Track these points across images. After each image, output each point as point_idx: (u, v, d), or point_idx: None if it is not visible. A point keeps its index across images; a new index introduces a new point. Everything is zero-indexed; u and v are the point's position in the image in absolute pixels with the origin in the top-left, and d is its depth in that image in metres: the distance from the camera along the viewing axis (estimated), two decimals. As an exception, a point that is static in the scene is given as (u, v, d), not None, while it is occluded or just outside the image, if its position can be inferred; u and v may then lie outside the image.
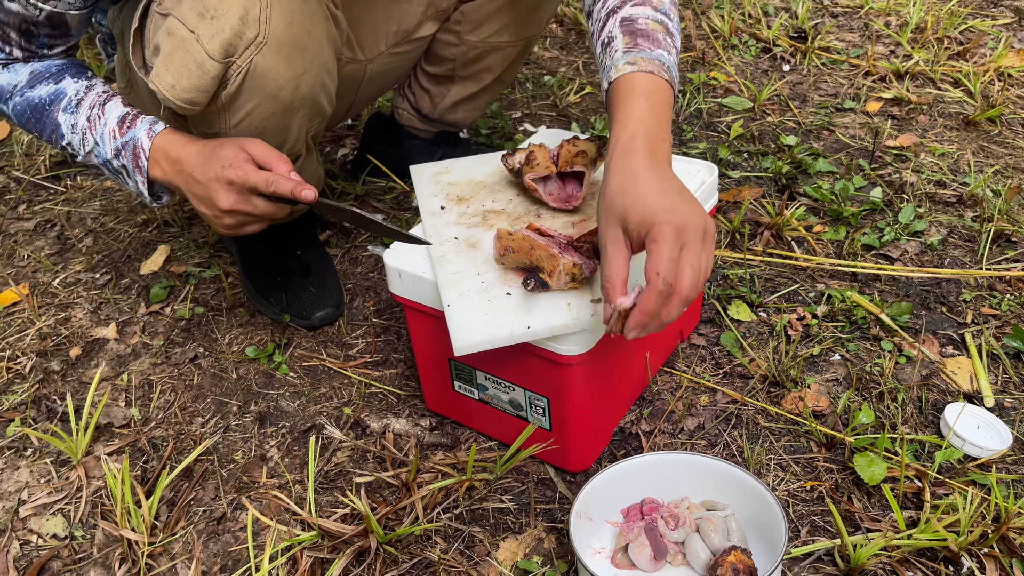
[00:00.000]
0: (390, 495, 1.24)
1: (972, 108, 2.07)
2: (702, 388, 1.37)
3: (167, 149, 1.20)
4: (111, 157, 1.23)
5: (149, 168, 1.22)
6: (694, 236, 0.91)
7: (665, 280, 0.90)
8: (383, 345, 1.51)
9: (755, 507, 1.10)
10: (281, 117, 1.23)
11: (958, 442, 1.23)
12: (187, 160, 1.18)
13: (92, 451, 1.35)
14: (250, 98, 1.18)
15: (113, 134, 1.22)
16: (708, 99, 2.16)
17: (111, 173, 1.27)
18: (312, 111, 1.27)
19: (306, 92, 1.22)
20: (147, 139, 1.21)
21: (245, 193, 1.14)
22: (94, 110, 1.23)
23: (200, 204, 1.19)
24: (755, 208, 1.76)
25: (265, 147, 1.16)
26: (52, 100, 1.24)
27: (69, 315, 1.64)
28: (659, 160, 0.98)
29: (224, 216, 1.17)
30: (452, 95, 1.67)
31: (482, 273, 1.11)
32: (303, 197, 1.12)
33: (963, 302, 1.51)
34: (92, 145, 1.23)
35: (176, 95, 1.12)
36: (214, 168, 1.14)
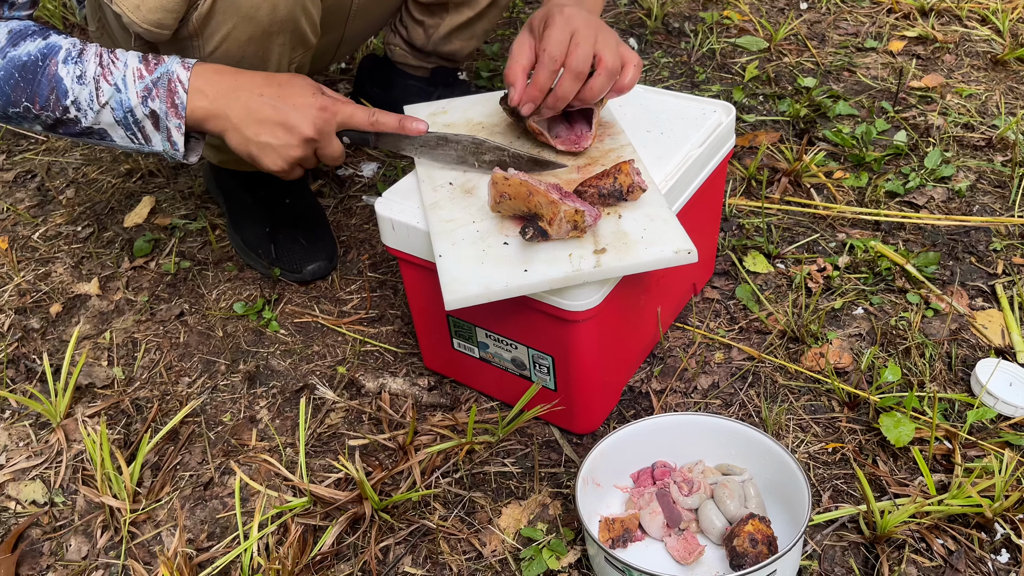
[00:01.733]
0: (386, 459, 1.17)
1: (1000, 47, 1.95)
2: (716, 344, 1.30)
3: (213, 76, 1.08)
4: (136, 103, 1.07)
5: (190, 100, 1.07)
6: (584, 25, 1.03)
7: (550, 55, 1.02)
8: (379, 300, 1.43)
9: (774, 471, 1.03)
10: (259, 43, 1.13)
11: (990, 400, 1.15)
12: (251, 83, 1.07)
13: (72, 413, 1.28)
14: (224, 20, 1.08)
15: (139, 73, 1.07)
16: (722, 39, 2.05)
17: (128, 131, 1.10)
18: (293, 38, 1.17)
19: (285, 14, 1.12)
20: (183, 69, 1.07)
21: (331, 126, 1.10)
22: (103, 56, 1.08)
23: (266, 131, 1.07)
24: (772, 154, 1.66)
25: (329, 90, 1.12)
26: (46, 54, 1.07)
27: (49, 270, 1.56)
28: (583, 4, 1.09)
29: (298, 146, 1.09)
30: (446, 23, 1.57)
31: (477, 221, 1.03)
32: (414, 130, 1.09)
33: (993, 251, 1.42)
34: (110, 94, 1.07)
35: (142, 16, 1.03)
36: (301, 93, 1.07)
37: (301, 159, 1.12)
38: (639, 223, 1.00)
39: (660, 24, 2.13)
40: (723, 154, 1.22)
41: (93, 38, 1.36)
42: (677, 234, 0.98)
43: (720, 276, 1.41)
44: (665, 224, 0.99)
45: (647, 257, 0.95)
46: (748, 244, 1.45)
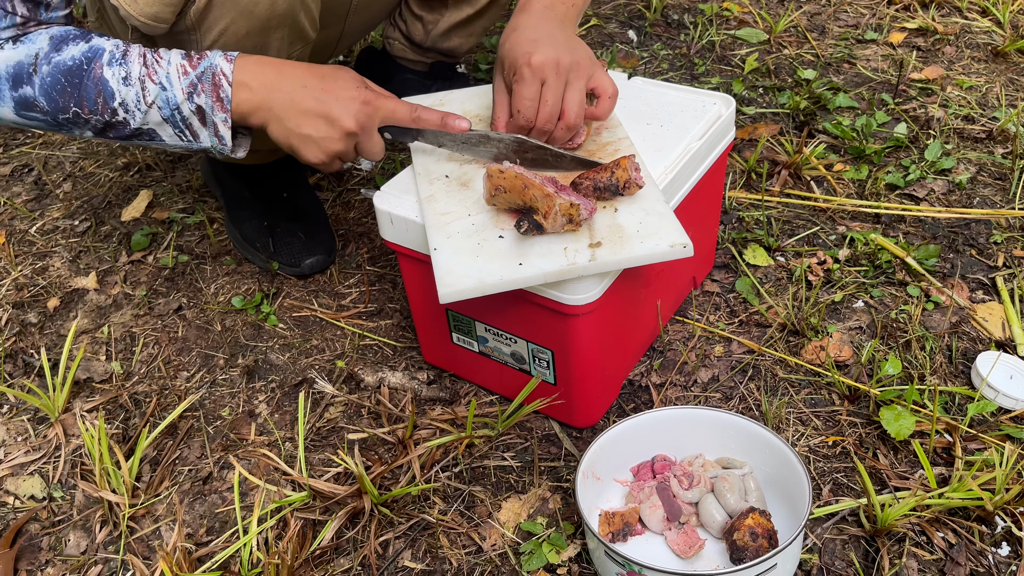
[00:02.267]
0: (385, 453, 1.17)
1: (1001, 38, 1.95)
2: (716, 337, 1.29)
3: (257, 67, 1.07)
4: (182, 99, 1.06)
5: (234, 93, 1.06)
6: (553, 74, 1.04)
7: (525, 116, 1.06)
8: (378, 294, 1.43)
9: (774, 465, 1.02)
10: (257, 37, 1.12)
11: (991, 393, 1.15)
12: (293, 75, 1.06)
13: (71, 408, 1.27)
14: (222, 14, 1.07)
15: (183, 70, 1.06)
16: (721, 31, 2.04)
17: (176, 129, 1.09)
18: (292, 32, 1.16)
19: (284, 8, 1.11)
20: (226, 63, 1.06)
21: (373, 120, 1.09)
22: (147, 56, 1.06)
23: (306, 121, 1.06)
24: (772, 146, 1.66)
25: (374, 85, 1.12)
26: (91, 57, 1.05)
27: (47, 264, 1.55)
28: (548, 17, 1.09)
29: (339, 140, 1.07)
30: (446, 20, 1.56)
31: (473, 214, 1.02)
32: (456, 127, 1.09)
33: (994, 244, 1.42)
34: (156, 93, 1.06)
35: (139, 9, 1.02)
36: (345, 87, 1.06)
37: (341, 152, 1.10)
38: (635, 216, 0.99)
39: (659, 16, 2.12)
40: (723, 147, 1.22)
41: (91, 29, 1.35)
42: (673, 228, 0.97)
43: (720, 269, 1.41)
44: (661, 218, 0.99)
45: (642, 251, 0.95)
46: (748, 237, 1.45)
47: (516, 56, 1.05)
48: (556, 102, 1.05)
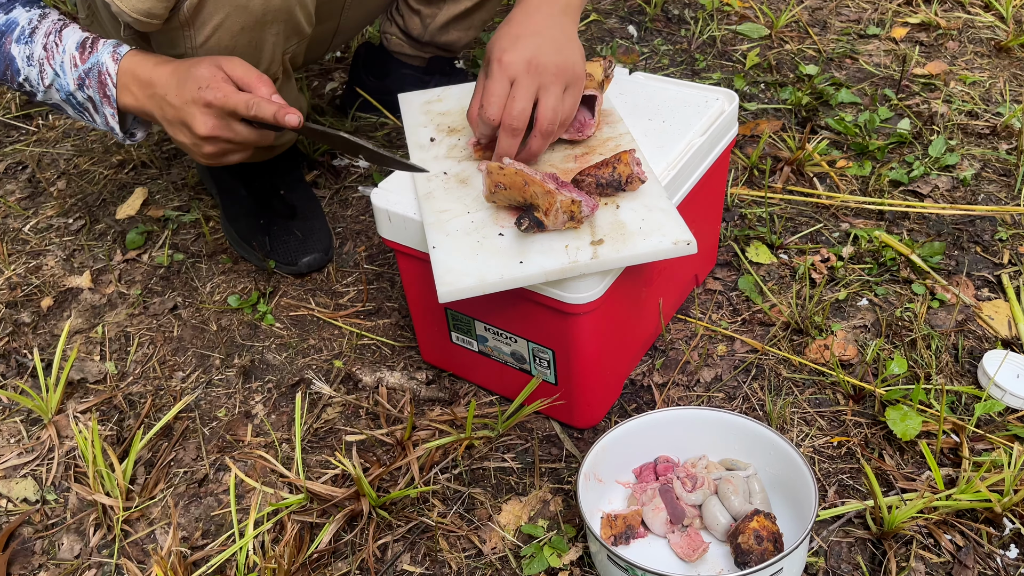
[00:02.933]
0: (383, 454, 1.15)
1: (1004, 33, 1.93)
2: (719, 336, 1.27)
3: (136, 71, 1.07)
4: (74, 89, 1.10)
5: (119, 96, 1.09)
6: (524, 72, 0.98)
7: (487, 114, 1.00)
8: (376, 293, 1.41)
9: (779, 466, 1.01)
10: (252, 33, 1.10)
11: (998, 393, 1.14)
12: (160, 82, 1.05)
13: (64, 409, 1.26)
14: (216, 10, 1.05)
15: (74, 61, 1.09)
16: (722, 26, 2.02)
17: (76, 110, 1.13)
18: (288, 27, 1.14)
19: (279, 3, 1.09)
20: (112, 62, 1.08)
21: (225, 117, 1.03)
22: (50, 37, 1.09)
23: (177, 131, 1.07)
24: (774, 142, 1.64)
25: (245, 66, 1.05)
26: (3, 32, 1.10)
27: (40, 263, 1.53)
28: (543, 10, 1.04)
29: (203, 143, 1.06)
30: (444, 13, 1.54)
31: (472, 212, 1.00)
32: (287, 122, 1.01)
33: (999, 241, 1.40)
34: (52, 77, 1.10)
35: (131, 5, 1.00)
36: (190, 89, 1.02)
37: (216, 152, 1.08)
38: (637, 213, 0.97)
39: (660, 11, 2.10)
40: (726, 143, 1.20)
41: (82, 23, 1.33)
42: (676, 225, 0.95)
43: (722, 267, 1.39)
44: (664, 214, 0.97)
45: (645, 248, 0.93)
46: (751, 234, 1.43)
47: (491, 50, 1.02)
48: (525, 103, 0.99)
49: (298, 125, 1.02)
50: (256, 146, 1.09)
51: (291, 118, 1.01)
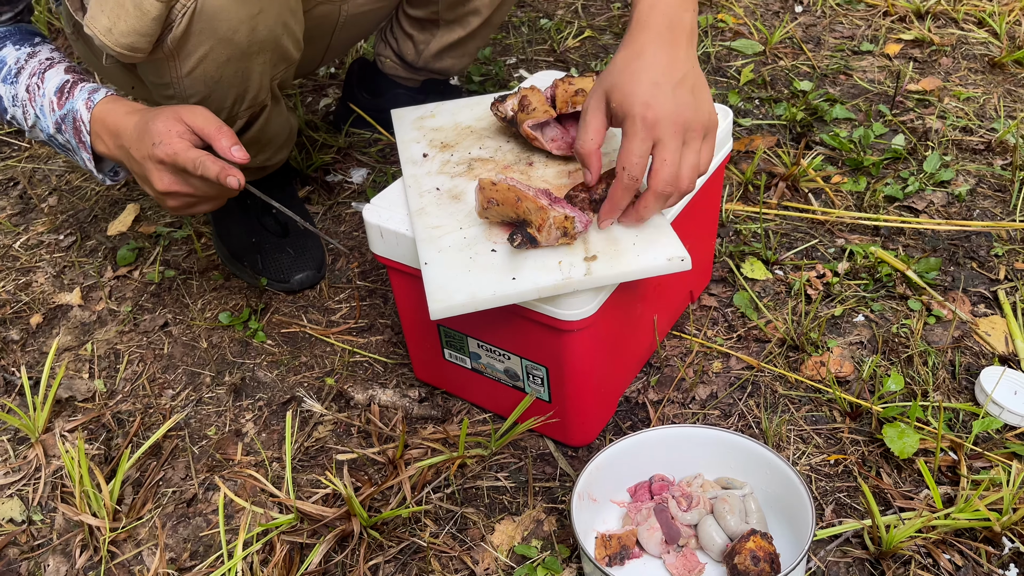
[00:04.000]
0: (375, 473, 1.14)
1: (998, 49, 1.93)
2: (714, 353, 1.26)
3: (106, 120, 1.08)
4: (54, 131, 1.12)
5: (92, 143, 1.10)
6: (670, 133, 0.89)
7: (630, 175, 0.91)
8: (368, 310, 1.40)
9: (775, 485, 1.00)
10: (239, 63, 1.10)
11: (995, 410, 1.13)
12: (125, 133, 1.06)
13: (51, 428, 1.24)
14: (200, 42, 1.05)
15: (52, 106, 1.10)
16: (716, 42, 2.02)
17: (59, 149, 1.15)
18: (275, 56, 1.14)
19: (265, 35, 1.08)
20: (85, 110, 1.09)
21: (180, 173, 1.03)
22: (34, 79, 1.11)
23: (143, 183, 1.08)
24: (768, 158, 1.64)
25: (205, 115, 1.03)
26: None
27: (30, 280, 1.52)
28: (673, 39, 0.93)
29: (165, 198, 1.07)
30: (437, 41, 1.53)
31: (465, 228, 0.99)
32: (227, 184, 1.00)
33: (995, 256, 1.39)
34: (33, 118, 1.13)
35: (114, 40, 0.99)
36: (146, 145, 1.03)
37: (183, 205, 1.08)
38: (631, 229, 0.96)
39: (654, 28, 2.10)
40: (720, 159, 1.20)
41: (71, 41, 1.33)
42: (670, 241, 0.95)
43: (717, 283, 1.38)
44: (657, 230, 0.96)
45: (639, 265, 0.92)
46: (746, 250, 1.43)
47: (632, 99, 0.90)
48: (674, 164, 0.91)
49: (238, 188, 1.01)
50: (222, 197, 1.09)
51: (231, 180, 1.00)
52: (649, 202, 0.93)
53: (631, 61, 0.92)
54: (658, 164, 0.91)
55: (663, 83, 0.90)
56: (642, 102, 0.89)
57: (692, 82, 0.92)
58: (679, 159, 0.91)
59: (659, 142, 0.90)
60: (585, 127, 0.95)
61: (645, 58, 0.92)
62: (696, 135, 0.92)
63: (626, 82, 0.91)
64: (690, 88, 0.92)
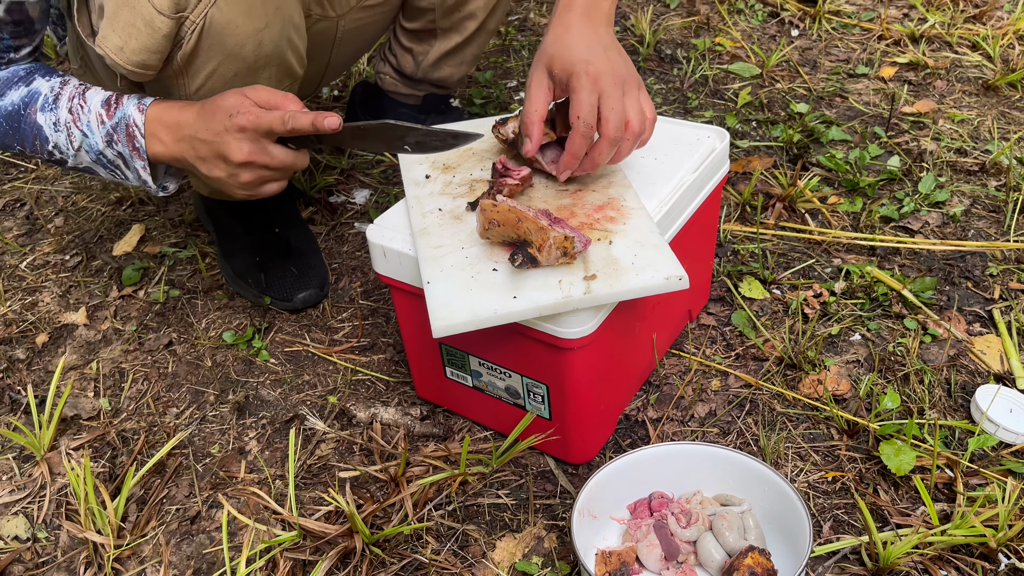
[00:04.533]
0: (377, 491, 1.15)
1: (991, 72, 1.96)
2: (713, 371, 1.28)
3: (162, 117, 1.09)
4: (103, 147, 1.11)
5: (148, 145, 1.10)
6: (611, 84, 1.00)
7: (585, 123, 1.00)
8: (371, 328, 1.41)
9: (773, 501, 1.01)
10: (245, 78, 1.12)
11: (991, 427, 1.14)
12: (188, 122, 1.07)
13: (57, 446, 1.25)
14: (209, 58, 1.07)
15: (100, 119, 1.10)
16: (714, 66, 2.05)
17: (107, 169, 1.14)
18: (280, 71, 1.16)
19: (271, 49, 1.11)
20: (138, 113, 1.10)
21: (259, 140, 1.05)
22: (74, 101, 1.11)
23: (211, 167, 1.07)
24: (766, 179, 1.66)
25: (268, 90, 1.06)
26: (27, 103, 1.12)
27: (36, 299, 1.54)
28: (595, 18, 1.06)
29: (240, 171, 1.07)
30: (435, 50, 1.56)
31: (466, 247, 1.01)
32: (326, 126, 1.02)
33: (989, 276, 1.41)
34: (80, 139, 1.12)
35: (125, 58, 1.02)
36: (220, 120, 1.04)
37: (255, 179, 1.09)
38: (630, 249, 0.98)
39: (652, 51, 2.13)
40: (717, 180, 1.22)
41: (76, 75, 1.36)
42: (668, 260, 0.96)
43: (716, 302, 1.40)
44: (656, 250, 0.98)
45: (637, 283, 0.94)
46: (743, 270, 1.44)
47: (572, 61, 1.01)
48: (621, 113, 1.01)
49: (339, 127, 1.02)
50: (292, 171, 1.10)
51: (331, 121, 1.02)
52: (603, 148, 1.02)
53: (561, 36, 1.04)
54: (606, 113, 1.00)
55: (595, 47, 1.03)
56: (583, 60, 1.01)
57: (617, 48, 1.05)
58: (623, 107, 1.01)
59: (603, 94, 1.00)
60: (529, 100, 1.04)
61: (572, 32, 1.04)
62: (632, 87, 1.03)
63: (563, 51, 1.03)
64: (617, 52, 1.04)
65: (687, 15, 2.30)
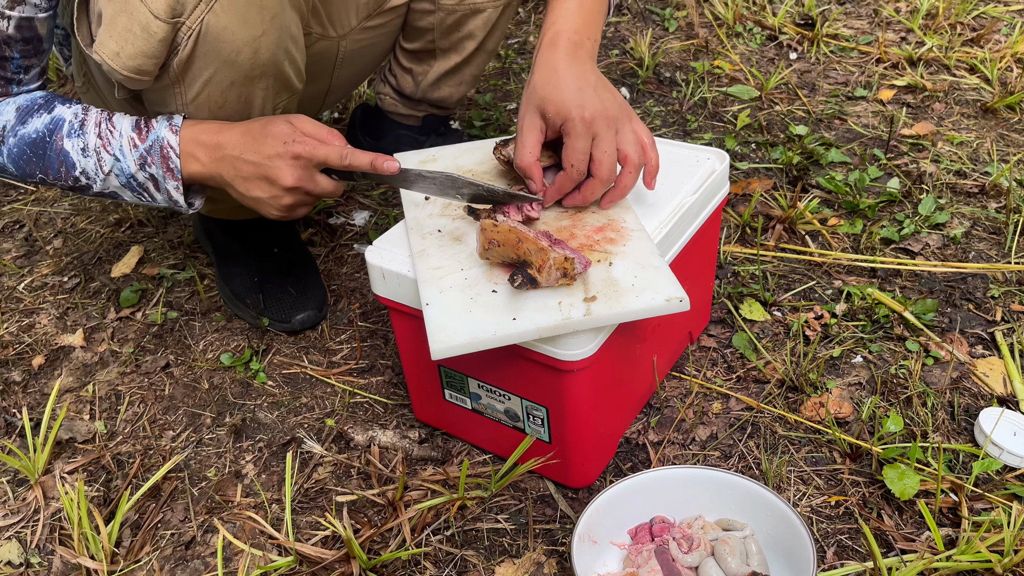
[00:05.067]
0: (375, 515, 1.13)
1: (990, 95, 1.97)
2: (714, 394, 1.27)
3: (200, 138, 1.11)
4: (136, 170, 1.13)
5: (183, 165, 1.12)
6: (604, 127, 1.02)
7: (578, 170, 1.04)
8: (369, 351, 1.40)
9: (776, 526, 0.99)
10: (242, 87, 1.12)
11: (995, 451, 1.13)
12: (231, 143, 1.10)
13: (51, 469, 1.24)
14: (205, 65, 1.07)
15: (132, 142, 1.12)
16: (713, 88, 2.06)
17: (135, 192, 1.16)
18: (277, 82, 1.16)
19: (267, 58, 1.11)
20: (172, 134, 1.11)
21: (310, 169, 1.09)
22: (102, 126, 1.13)
23: (252, 187, 1.11)
24: (766, 201, 1.66)
25: (313, 122, 1.11)
26: (52, 129, 1.12)
27: (33, 321, 1.53)
28: (580, 57, 1.08)
29: (285, 195, 1.10)
30: (435, 70, 1.57)
31: (466, 269, 1.01)
32: (385, 169, 1.07)
33: (991, 298, 1.40)
34: (111, 164, 1.13)
35: (121, 63, 1.02)
36: (273, 145, 1.07)
37: (293, 203, 1.13)
38: (630, 271, 0.98)
39: (651, 73, 2.14)
40: (717, 201, 1.21)
41: (79, 93, 1.36)
42: (668, 282, 0.96)
43: (716, 324, 1.39)
44: (656, 272, 0.97)
45: (638, 305, 0.93)
46: (744, 292, 1.44)
47: (566, 105, 1.02)
48: (613, 155, 1.03)
49: (398, 171, 1.07)
50: (329, 197, 1.14)
51: (390, 164, 1.06)
52: (595, 187, 1.05)
53: (550, 78, 1.05)
54: (599, 156, 1.03)
55: (585, 88, 1.04)
56: (577, 104, 1.02)
57: (604, 84, 1.07)
58: (615, 149, 1.04)
59: (597, 137, 1.02)
60: (522, 143, 1.06)
61: (561, 73, 1.05)
62: (624, 123, 1.05)
63: (554, 94, 1.04)
64: (605, 88, 1.06)
65: (686, 38, 2.31)
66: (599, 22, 1.15)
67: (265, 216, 1.15)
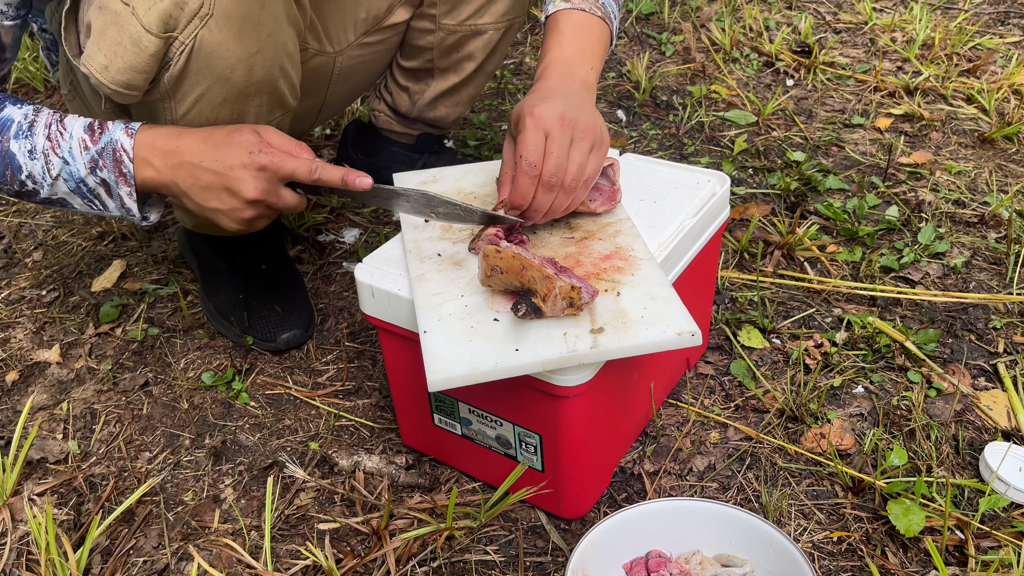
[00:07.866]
0: (358, 544, 1.08)
1: (987, 125, 1.96)
2: (712, 423, 1.23)
3: (156, 143, 1.04)
4: (86, 174, 1.05)
5: (137, 170, 1.04)
6: (557, 126, 0.98)
7: (528, 162, 0.98)
8: (356, 372, 1.36)
9: (777, 563, 0.95)
10: (235, 104, 1.09)
11: (1001, 487, 1.09)
12: (190, 149, 1.03)
13: (20, 490, 1.18)
14: (197, 81, 1.03)
15: (84, 144, 1.04)
16: (710, 113, 2.04)
17: (84, 199, 1.08)
18: (271, 100, 1.13)
19: (262, 75, 1.07)
20: (127, 137, 1.04)
21: (275, 182, 1.03)
22: (52, 128, 1.05)
23: (210, 198, 1.04)
24: (764, 226, 1.63)
25: (280, 134, 1.05)
26: None
27: (8, 336, 1.48)
28: (565, 80, 1.07)
29: (246, 208, 1.04)
30: (432, 89, 1.54)
31: (466, 295, 0.97)
32: (357, 186, 1.01)
33: (993, 329, 1.38)
34: (59, 167, 1.05)
35: (110, 77, 0.98)
36: (237, 155, 1.01)
37: (254, 217, 1.06)
38: (639, 301, 0.94)
39: (648, 97, 2.12)
40: (717, 225, 1.18)
41: (65, 101, 1.32)
42: (679, 314, 0.92)
43: (714, 351, 1.36)
44: (666, 303, 0.93)
45: (647, 339, 0.89)
46: (742, 318, 1.40)
47: (521, 109, 1.02)
48: (562, 158, 0.99)
49: (370, 188, 1.01)
50: (293, 212, 1.08)
51: (362, 181, 1.01)
52: (539, 194, 1.00)
53: (529, 96, 1.05)
54: (545, 156, 0.98)
55: (551, 96, 1.02)
56: (531, 104, 1.00)
57: (583, 103, 1.04)
58: (566, 154, 0.99)
59: (548, 134, 0.98)
60: (504, 163, 1.04)
61: (536, 92, 1.05)
62: (585, 136, 1.00)
63: (518, 107, 1.03)
64: (581, 104, 1.03)
65: (683, 62, 2.30)
66: (596, 50, 1.12)
67: (222, 228, 1.08)
